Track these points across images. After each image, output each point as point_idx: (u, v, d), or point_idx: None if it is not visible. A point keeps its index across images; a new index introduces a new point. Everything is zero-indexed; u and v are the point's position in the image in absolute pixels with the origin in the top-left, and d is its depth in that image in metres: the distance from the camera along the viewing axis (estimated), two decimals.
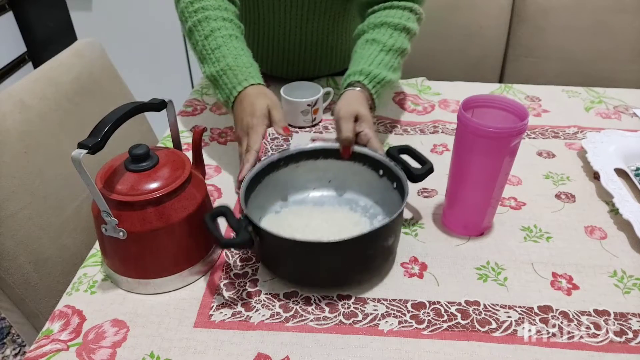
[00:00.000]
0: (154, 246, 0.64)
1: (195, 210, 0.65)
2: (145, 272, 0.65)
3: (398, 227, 0.69)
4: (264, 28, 1.02)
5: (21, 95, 0.82)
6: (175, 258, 0.66)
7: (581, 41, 1.52)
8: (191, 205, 0.65)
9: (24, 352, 1.51)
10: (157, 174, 0.64)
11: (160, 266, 0.65)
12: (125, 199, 0.61)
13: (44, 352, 0.59)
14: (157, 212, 0.62)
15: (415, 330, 0.62)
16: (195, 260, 0.67)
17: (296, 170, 0.77)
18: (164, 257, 0.65)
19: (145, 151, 0.64)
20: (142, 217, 0.62)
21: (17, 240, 0.76)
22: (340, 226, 0.72)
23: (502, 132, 0.64)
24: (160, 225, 0.62)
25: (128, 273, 0.66)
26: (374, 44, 0.88)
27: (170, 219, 0.63)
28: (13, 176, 0.77)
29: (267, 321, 0.63)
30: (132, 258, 0.65)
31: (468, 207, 0.74)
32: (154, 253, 0.64)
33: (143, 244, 0.63)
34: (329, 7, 0.98)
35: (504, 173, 0.69)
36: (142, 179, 0.63)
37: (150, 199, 0.61)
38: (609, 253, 0.72)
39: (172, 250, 0.65)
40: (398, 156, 0.73)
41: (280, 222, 0.73)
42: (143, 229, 0.62)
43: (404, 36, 0.89)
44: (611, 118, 1.03)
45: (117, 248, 0.64)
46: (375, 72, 0.84)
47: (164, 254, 0.65)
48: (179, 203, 0.64)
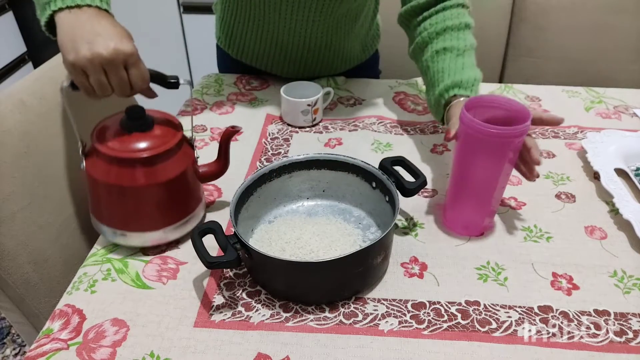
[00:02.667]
0: (139, 202, 0.68)
1: (180, 173, 0.69)
2: (127, 224, 0.70)
3: (389, 242, 0.68)
4: (268, 26, 1.02)
5: (21, 95, 0.82)
6: (156, 215, 0.70)
7: (581, 41, 1.53)
8: (178, 168, 0.69)
9: (24, 352, 1.51)
10: (150, 135, 0.67)
11: (142, 221, 0.70)
12: (114, 154, 0.65)
13: (44, 351, 0.59)
14: (145, 170, 0.66)
15: (416, 330, 0.62)
16: (176, 219, 0.71)
17: (289, 180, 0.77)
18: (146, 213, 0.69)
19: (141, 112, 0.68)
20: (130, 173, 0.66)
21: (17, 240, 0.76)
22: (332, 238, 0.71)
23: (505, 134, 0.64)
24: (146, 183, 0.67)
25: (112, 224, 0.70)
26: (447, 52, 0.86)
27: (156, 179, 0.67)
28: (13, 176, 0.77)
29: (267, 321, 0.63)
30: (116, 209, 0.69)
31: (469, 207, 0.74)
32: (137, 208, 0.69)
33: (129, 198, 0.68)
34: (335, 8, 0.98)
35: (505, 174, 0.69)
36: (134, 137, 0.67)
37: (138, 157, 0.66)
38: (609, 253, 0.72)
39: (154, 207, 0.69)
40: (391, 168, 0.73)
41: (272, 234, 0.73)
42: (129, 184, 0.66)
43: (468, 33, 0.88)
44: (611, 118, 1.03)
45: (107, 201, 0.69)
46: (467, 78, 0.82)
47: (147, 209, 0.69)
48: (166, 165, 0.68)
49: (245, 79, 1.15)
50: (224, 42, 1.13)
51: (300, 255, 0.68)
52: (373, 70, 1.25)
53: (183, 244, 0.73)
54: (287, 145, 0.95)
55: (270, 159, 0.91)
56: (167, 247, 0.73)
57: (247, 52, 1.10)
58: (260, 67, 1.13)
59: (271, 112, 1.04)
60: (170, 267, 0.70)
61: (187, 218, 0.73)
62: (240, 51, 1.11)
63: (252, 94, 1.10)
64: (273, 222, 0.76)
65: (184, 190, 0.71)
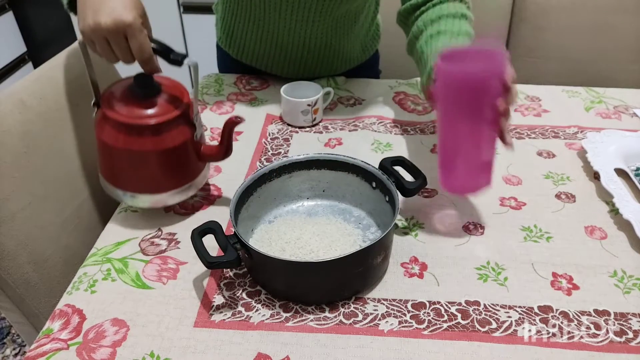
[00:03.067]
0: (145, 166, 0.71)
1: (186, 140, 0.72)
2: (133, 186, 0.73)
3: (389, 242, 0.68)
4: (268, 26, 1.02)
5: (21, 95, 0.82)
6: (160, 179, 0.73)
7: (581, 41, 1.53)
8: (183, 135, 0.71)
9: (24, 352, 1.51)
10: (157, 102, 0.70)
11: (149, 183, 0.73)
12: (122, 120, 0.68)
13: (44, 351, 0.59)
14: (151, 136, 0.69)
15: (416, 330, 0.62)
16: (181, 183, 0.75)
17: (289, 180, 0.77)
18: (151, 176, 0.72)
19: (148, 80, 0.70)
20: (137, 139, 0.69)
21: (17, 240, 0.76)
22: (332, 238, 0.71)
23: (480, 74, 0.63)
24: (152, 149, 0.70)
25: (120, 185, 0.74)
26: (441, 35, 0.83)
27: (162, 145, 0.70)
28: (13, 176, 0.77)
29: (267, 321, 0.63)
30: (124, 172, 0.73)
31: (460, 164, 0.71)
32: (144, 171, 0.72)
33: (136, 162, 0.71)
34: (335, 8, 0.98)
35: (487, 122, 0.66)
36: (141, 104, 0.69)
37: (145, 124, 0.68)
38: (609, 253, 0.72)
39: (160, 171, 0.72)
40: (391, 168, 0.73)
41: (272, 234, 0.73)
42: (135, 148, 0.69)
43: (464, 22, 0.86)
44: (611, 118, 1.03)
45: (116, 164, 0.73)
46: None
47: (153, 173, 0.72)
48: (172, 132, 0.70)
49: (245, 79, 1.15)
50: (224, 42, 1.13)
51: (300, 255, 0.68)
52: (373, 70, 1.25)
53: (183, 244, 0.73)
54: (287, 145, 0.95)
55: (270, 159, 0.91)
56: (167, 247, 0.73)
57: (247, 52, 1.10)
58: (260, 68, 1.13)
59: (271, 112, 1.04)
60: (170, 267, 0.70)
61: (190, 183, 0.76)
62: (241, 51, 1.11)
63: (252, 94, 1.10)
64: (273, 222, 0.76)
65: (189, 156, 0.74)
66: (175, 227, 0.77)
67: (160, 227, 0.77)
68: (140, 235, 0.75)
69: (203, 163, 0.78)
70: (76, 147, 0.91)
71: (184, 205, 0.80)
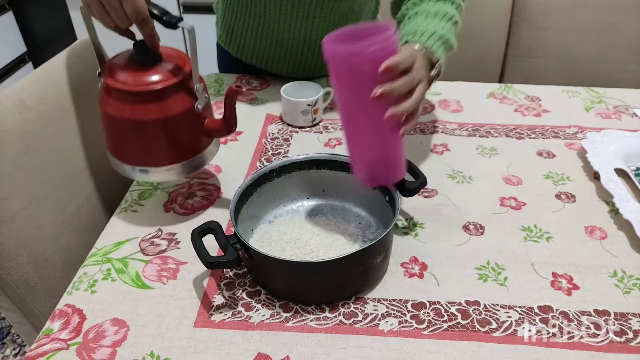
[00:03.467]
0: (148, 135, 0.70)
1: (187, 109, 0.70)
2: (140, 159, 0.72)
3: (389, 242, 0.68)
4: (269, 22, 1.02)
5: (21, 95, 0.82)
6: (165, 150, 0.72)
7: (581, 41, 1.53)
8: (184, 104, 0.70)
9: (24, 352, 1.51)
10: (158, 69, 0.69)
11: (152, 156, 0.72)
12: (124, 88, 0.68)
13: (44, 351, 0.59)
14: (153, 103, 0.68)
15: (416, 330, 0.62)
16: (183, 158, 0.73)
17: (290, 180, 0.77)
18: (156, 147, 0.71)
19: (147, 46, 0.69)
20: (139, 106, 0.68)
21: (17, 240, 0.76)
22: (332, 238, 0.71)
23: (351, 54, 0.59)
24: (154, 117, 0.68)
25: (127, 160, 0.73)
26: (417, 15, 0.80)
27: (168, 111, 0.69)
28: (13, 176, 0.77)
29: (267, 321, 0.63)
30: (129, 144, 0.72)
31: (357, 154, 0.68)
32: (146, 141, 0.71)
33: (137, 131, 0.70)
34: (335, 5, 0.98)
35: (375, 108, 0.62)
36: (142, 71, 0.68)
37: (146, 90, 0.67)
38: (609, 253, 0.72)
39: (163, 142, 0.71)
40: None
41: (272, 234, 0.73)
42: (138, 117, 0.68)
43: (448, 5, 0.82)
44: (611, 118, 1.03)
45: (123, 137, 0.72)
46: (424, 29, 0.75)
47: (156, 144, 0.71)
48: (177, 98, 0.69)
49: (245, 78, 1.15)
50: (224, 40, 1.13)
51: (300, 255, 0.68)
52: None
53: (183, 244, 0.73)
54: (287, 145, 0.95)
55: (270, 159, 0.91)
56: (167, 247, 0.73)
57: (247, 50, 1.10)
58: (260, 66, 1.13)
59: (271, 112, 1.04)
60: (170, 267, 0.70)
61: (196, 156, 0.74)
62: (241, 49, 1.11)
63: (252, 93, 1.10)
64: (273, 222, 0.76)
65: (193, 125, 0.72)
66: (175, 227, 0.77)
67: (160, 227, 0.77)
68: (140, 235, 0.75)
69: (208, 138, 0.76)
70: (76, 147, 0.91)
71: (184, 205, 0.80)
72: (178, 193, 0.83)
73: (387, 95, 0.61)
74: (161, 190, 0.84)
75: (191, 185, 0.85)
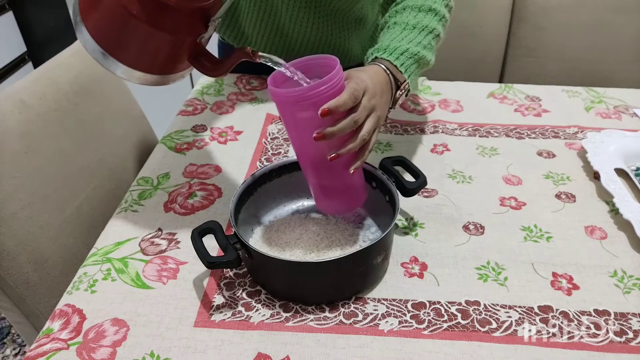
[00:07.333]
0: (135, 34, 0.62)
1: (189, 32, 0.63)
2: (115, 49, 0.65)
3: (389, 242, 0.68)
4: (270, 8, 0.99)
5: (21, 95, 0.82)
6: (145, 56, 0.64)
7: (581, 41, 1.53)
8: (191, 28, 0.63)
9: (24, 352, 1.51)
10: None
11: (130, 52, 0.65)
12: None
13: (44, 351, 0.59)
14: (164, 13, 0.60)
15: (416, 330, 0.62)
16: (156, 71, 0.66)
17: (289, 180, 0.77)
18: (140, 49, 0.64)
19: None
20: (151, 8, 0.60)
21: (17, 240, 0.76)
22: (332, 239, 0.71)
23: (293, 96, 0.59)
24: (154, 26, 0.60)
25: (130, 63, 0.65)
26: (395, 26, 0.79)
27: (169, 27, 0.61)
28: (13, 176, 0.77)
29: (267, 321, 0.63)
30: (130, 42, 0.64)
31: (311, 183, 0.69)
32: (135, 40, 0.63)
33: (130, 25, 0.62)
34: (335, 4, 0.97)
35: (317, 147, 0.62)
36: None
37: None
38: (609, 253, 0.72)
39: (146, 48, 0.64)
40: (392, 168, 0.73)
41: (272, 234, 0.73)
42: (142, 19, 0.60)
43: (431, 16, 0.80)
44: (611, 118, 1.03)
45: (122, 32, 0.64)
46: (396, 45, 0.74)
47: (142, 47, 0.64)
48: (185, 18, 0.62)
49: (245, 78, 1.15)
50: (223, 28, 1.10)
51: (300, 255, 0.68)
52: None
53: (183, 244, 0.73)
54: (287, 145, 0.95)
55: (270, 159, 0.91)
56: (167, 247, 0.73)
57: (246, 36, 1.08)
58: None
59: (271, 111, 1.04)
60: (170, 267, 0.70)
61: (169, 75, 0.67)
62: (240, 36, 1.08)
63: (252, 93, 1.10)
64: (273, 222, 0.76)
65: (183, 48, 0.65)
66: (175, 227, 0.77)
67: (160, 227, 0.77)
68: (140, 235, 0.75)
69: (187, 65, 0.68)
70: (76, 147, 0.91)
71: (184, 205, 0.80)
72: (178, 193, 0.83)
73: (329, 137, 0.60)
74: (161, 190, 0.84)
75: (191, 185, 0.85)
